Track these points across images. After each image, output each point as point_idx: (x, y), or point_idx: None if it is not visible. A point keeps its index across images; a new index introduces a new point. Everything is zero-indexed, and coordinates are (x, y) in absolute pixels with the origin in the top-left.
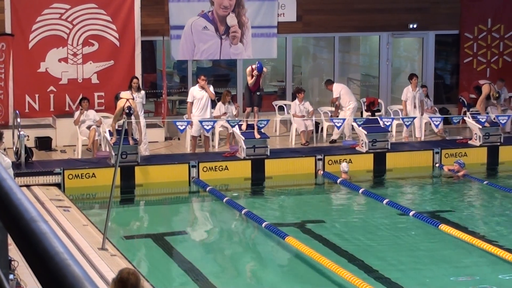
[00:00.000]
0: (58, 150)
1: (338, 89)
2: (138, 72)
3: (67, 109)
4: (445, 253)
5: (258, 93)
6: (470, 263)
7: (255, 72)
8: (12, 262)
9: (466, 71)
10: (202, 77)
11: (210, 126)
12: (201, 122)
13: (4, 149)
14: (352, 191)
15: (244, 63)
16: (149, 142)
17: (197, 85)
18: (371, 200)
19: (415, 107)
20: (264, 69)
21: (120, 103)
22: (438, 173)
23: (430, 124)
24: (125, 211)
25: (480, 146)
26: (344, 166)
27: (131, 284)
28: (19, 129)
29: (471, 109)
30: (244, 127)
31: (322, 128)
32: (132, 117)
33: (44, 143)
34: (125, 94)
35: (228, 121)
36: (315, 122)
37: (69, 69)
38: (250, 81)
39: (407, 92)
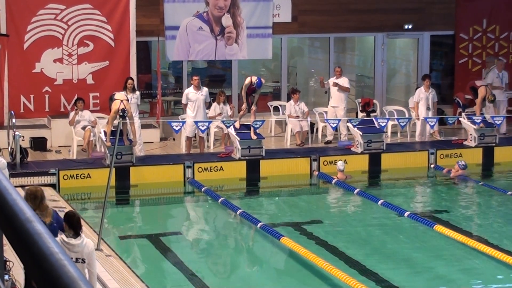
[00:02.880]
0: (53, 150)
1: (347, 81)
2: (133, 72)
3: (62, 109)
4: (440, 254)
5: (253, 95)
6: (465, 263)
7: (252, 88)
8: (7, 263)
9: (461, 72)
10: (194, 77)
11: (205, 127)
12: (196, 122)
13: None
14: (347, 192)
15: (239, 63)
16: (144, 142)
17: (191, 86)
18: (366, 201)
19: (428, 108)
20: (262, 80)
21: (114, 106)
22: (433, 174)
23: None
24: (120, 212)
25: (475, 147)
26: (339, 164)
27: (40, 195)
28: (14, 130)
29: (466, 110)
30: (237, 124)
31: (317, 129)
32: (126, 118)
33: (39, 144)
34: (119, 95)
35: (223, 121)
36: (310, 122)
37: (64, 69)
38: (244, 91)
39: (420, 94)
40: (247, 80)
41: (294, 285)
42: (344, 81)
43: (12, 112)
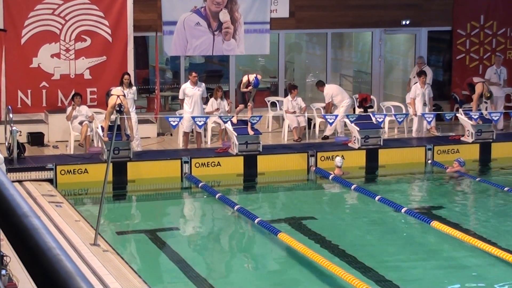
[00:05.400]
0: (50, 145)
1: (330, 93)
2: (130, 67)
3: (59, 104)
4: (437, 250)
5: (250, 92)
6: (462, 260)
7: (250, 88)
8: (4, 258)
9: (459, 68)
10: (193, 73)
11: (202, 122)
12: (193, 118)
13: None
14: (344, 188)
15: (237, 59)
16: (141, 137)
17: (189, 81)
18: (363, 197)
19: (424, 104)
20: (259, 77)
21: (111, 101)
22: (430, 170)
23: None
24: (117, 207)
25: (473, 142)
26: (337, 160)
27: None
28: (12, 125)
29: (463, 106)
30: (234, 120)
31: (314, 124)
32: (123, 113)
33: (37, 139)
34: (116, 90)
35: (220, 117)
36: (308, 118)
37: (61, 64)
38: (242, 89)
39: (416, 90)
40: (245, 79)
41: (291, 281)
42: (326, 97)
43: (10, 107)
